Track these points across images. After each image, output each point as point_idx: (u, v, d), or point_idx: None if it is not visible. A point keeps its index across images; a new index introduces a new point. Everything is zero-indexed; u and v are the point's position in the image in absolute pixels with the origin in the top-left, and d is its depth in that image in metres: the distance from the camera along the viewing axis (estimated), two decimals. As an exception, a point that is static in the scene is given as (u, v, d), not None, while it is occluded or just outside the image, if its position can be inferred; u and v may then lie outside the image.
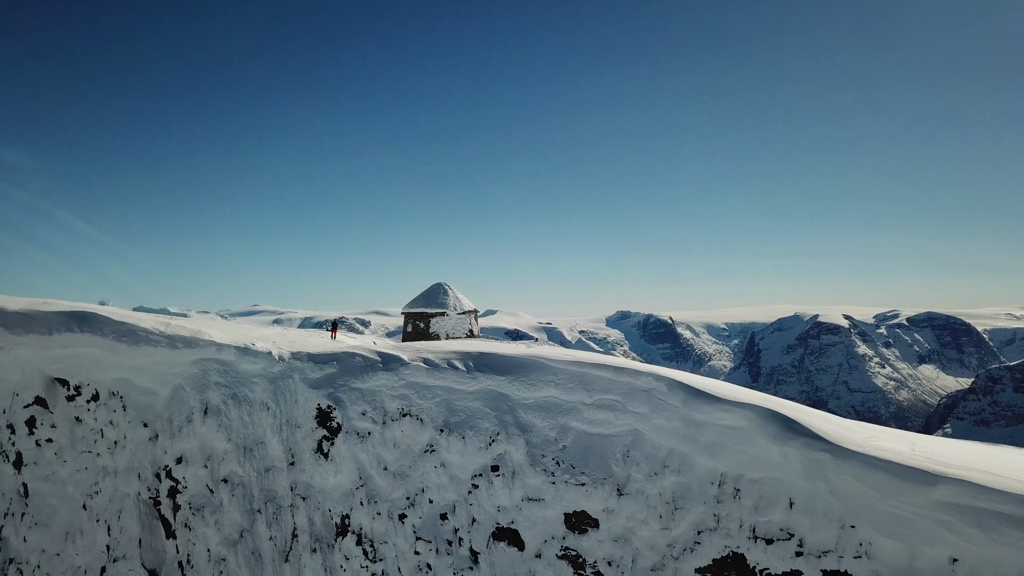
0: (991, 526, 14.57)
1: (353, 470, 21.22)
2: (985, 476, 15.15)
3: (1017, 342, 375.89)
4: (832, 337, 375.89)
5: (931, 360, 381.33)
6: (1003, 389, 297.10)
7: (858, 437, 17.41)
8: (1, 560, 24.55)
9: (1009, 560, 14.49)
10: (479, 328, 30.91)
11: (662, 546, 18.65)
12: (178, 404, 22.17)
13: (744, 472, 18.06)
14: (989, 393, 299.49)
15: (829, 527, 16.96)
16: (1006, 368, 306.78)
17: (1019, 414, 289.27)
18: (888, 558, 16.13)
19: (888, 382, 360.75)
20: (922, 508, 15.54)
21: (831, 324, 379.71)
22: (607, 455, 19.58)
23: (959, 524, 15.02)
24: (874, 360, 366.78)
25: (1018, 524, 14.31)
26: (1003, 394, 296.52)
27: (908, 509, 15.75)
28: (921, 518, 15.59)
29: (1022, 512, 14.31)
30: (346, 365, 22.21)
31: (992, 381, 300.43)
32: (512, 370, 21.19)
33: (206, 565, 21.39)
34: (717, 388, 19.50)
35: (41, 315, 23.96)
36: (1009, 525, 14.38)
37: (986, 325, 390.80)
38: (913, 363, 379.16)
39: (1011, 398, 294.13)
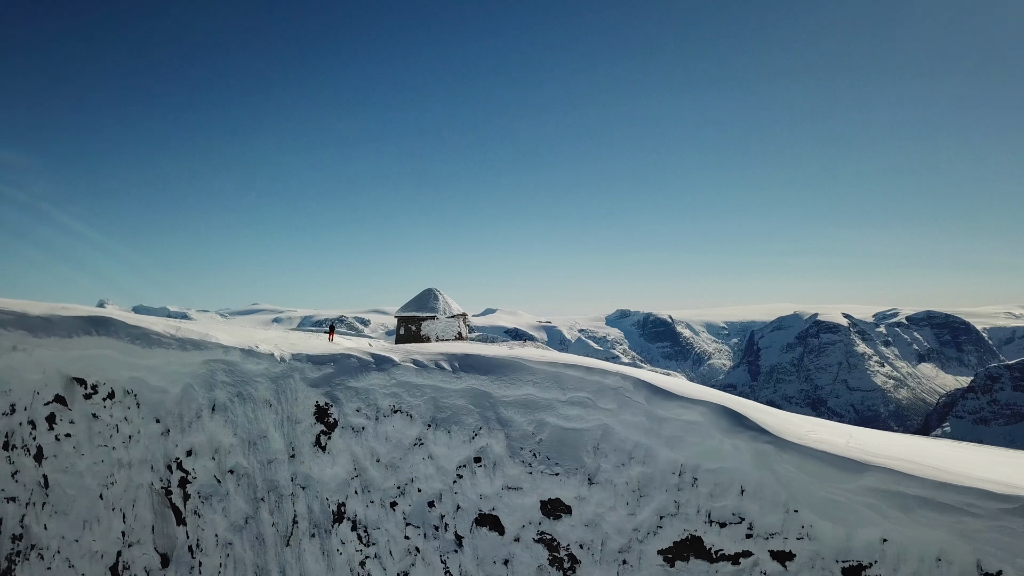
0: (911, 508, 16.58)
1: (348, 462, 23.29)
2: (906, 464, 17.15)
3: (1016, 340, 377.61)
4: (831, 336, 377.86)
5: (930, 359, 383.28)
6: (1002, 388, 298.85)
7: (800, 430, 19.42)
8: (23, 546, 26.63)
9: (928, 538, 16.51)
10: (468, 330, 32.95)
11: (628, 530, 20.64)
12: (188, 401, 24.23)
13: (701, 462, 20.08)
14: (988, 392, 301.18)
15: (775, 511, 18.95)
16: (1005, 367, 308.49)
17: (1018, 412, 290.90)
18: (827, 539, 18.12)
19: (887, 381, 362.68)
20: (853, 493, 17.55)
21: (830, 323, 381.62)
22: (579, 447, 21.61)
23: (885, 507, 17.03)
24: (873, 359, 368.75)
25: (934, 506, 16.31)
26: (1002, 392, 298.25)
27: (842, 494, 17.75)
28: (853, 502, 17.59)
29: (936, 495, 16.31)
30: (342, 365, 24.28)
31: (991, 380, 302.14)
32: (494, 370, 23.23)
33: (214, 549, 23.46)
34: (677, 386, 21.53)
35: (61, 319, 26.02)
36: (925, 507, 16.38)
37: (985, 324, 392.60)
38: (912, 362, 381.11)
39: (1010, 396, 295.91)
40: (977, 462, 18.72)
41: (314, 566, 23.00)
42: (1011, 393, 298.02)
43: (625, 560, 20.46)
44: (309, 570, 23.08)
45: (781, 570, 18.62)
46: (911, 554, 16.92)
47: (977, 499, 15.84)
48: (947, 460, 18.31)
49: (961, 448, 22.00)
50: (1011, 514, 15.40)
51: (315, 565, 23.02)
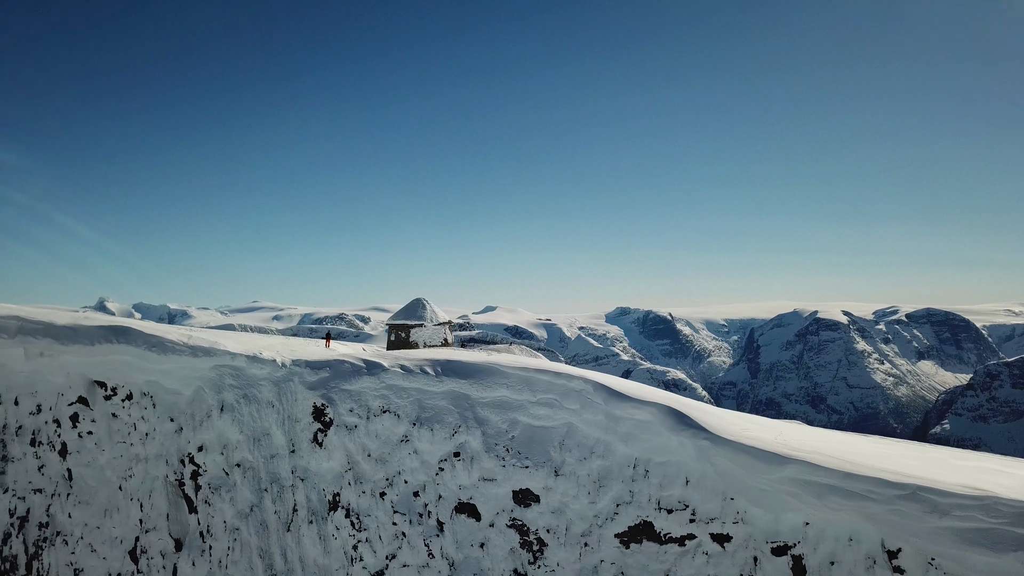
0: (824, 495, 19.49)
1: (342, 456, 26.22)
2: (820, 457, 20.03)
3: (1016, 338, 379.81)
4: (831, 333, 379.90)
5: (930, 356, 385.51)
6: (1001, 385, 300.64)
7: (735, 428, 22.28)
8: (49, 533, 29.62)
9: (840, 521, 19.41)
10: (451, 337, 35.88)
11: (589, 516, 23.55)
12: (199, 402, 27.17)
13: (652, 456, 22.99)
14: (987, 389, 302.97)
15: (715, 499, 21.87)
16: (1004, 364, 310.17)
17: (1017, 410, 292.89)
18: (759, 522, 21.01)
19: (887, 378, 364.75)
20: (777, 483, 20.45)
21: (830, 320, 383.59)
22: (547, 443, 24.51)
23: (803, 494, 19.94)
24: (873, 356, 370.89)
25: (842, 493, 19.20)
26: (1001, 390, 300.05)
27: (768, 484, 20.65)
28: (778, 491, 20.49)
29: (843, 484, 19.20)
30: (337, 370, 27.19)
31: (990, 377, 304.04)
32: (472, 374, 26.13)
33: (223, 534, 26.42)
34: (631, 389, 24.41)
35: (84, 328, 28.94)
36: (835, 494, 19.27)
37: (985, 321, 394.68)
38: (912, 359, 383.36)
39: (1009, 394, 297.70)
40: (888, 456, 21.57)
41: (312, 549, 25.96)
42: (1010, 390, 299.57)
43: (586, 543, 23.38)
44: (307, 553, 26.04)
45: (720, 550, 21.53)
46: (828, 535, 19.83)
47: (877, 487, 18.74)
48: (860, 454, 21.20)
49: (883, 444, 24.88)
50: (904, 499, 18.29)
51: (313, 548, 25.98)
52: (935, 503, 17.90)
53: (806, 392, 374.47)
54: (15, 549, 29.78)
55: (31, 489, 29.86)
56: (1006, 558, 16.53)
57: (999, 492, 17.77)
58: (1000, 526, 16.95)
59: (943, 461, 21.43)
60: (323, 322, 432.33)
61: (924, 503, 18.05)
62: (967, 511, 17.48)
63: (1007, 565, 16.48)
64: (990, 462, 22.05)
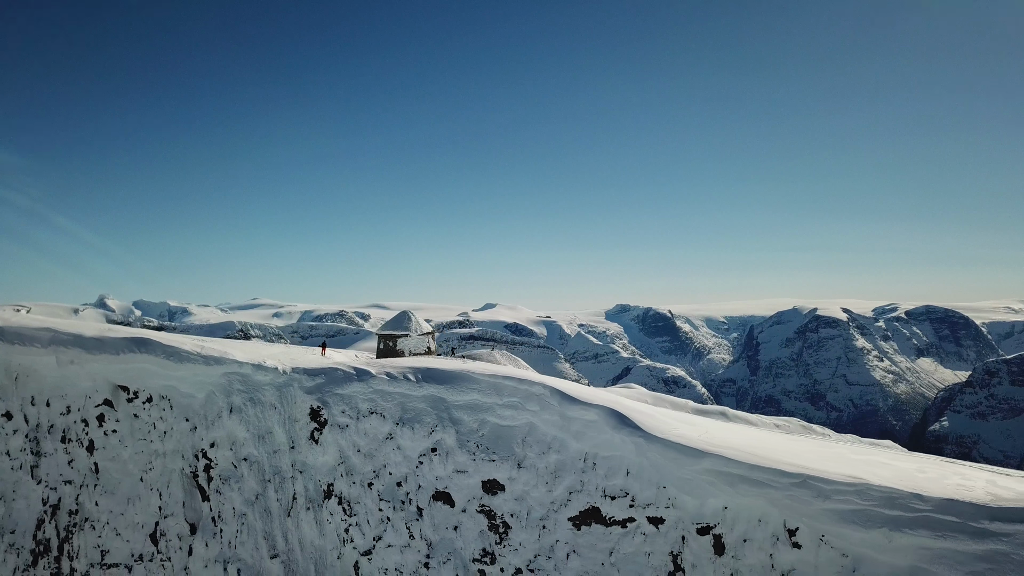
0: (735, 483, 23.66)
1: (335, 452, 30.46)
2: (731, 451, 24.18)
3: (1015, 335, 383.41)
4: (830, 330, 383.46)
5: (929, 353, 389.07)
6: (1000, 382, 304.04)
7: (666, 427, 26.43)
8: (78, 519, 33.93)
9: (751, 505, 23.54)
10: (435, 345, 40.09)
11: (547, 503, 27.73)
12: (211, 405, 31.40)
13: (599, 451, 27.16)
14: (986, 386, 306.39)
15: (651, 487, 26.02)
16: (1003, 361, 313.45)
17: (1016, 407, 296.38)
18: (687, 507, 25.16)
19: (886, 375, 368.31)
20: (698, 473, 24.61)
21: (829, 318, 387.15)
22: (511, 440, 28.70)
23: (719, 483, 24.10)
24: (872, 353, 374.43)
25: (749, 482, 23.35)
26: (1000, 387, 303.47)
27: (692, 474, 24.81)
28: (699, 480, 24.65)
29: (749, 474, 23.35)
30: (331, 377, 31.41)
31: (989, 374, 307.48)
32: (448, 380, 30.34)
33: (232, 519, 30.71)
34: (581, 392, 28.58)
35: (110, 340, 33.17)
36: (743, 483, 23.43)
37: (984, 318, 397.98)
38: (911, 356, 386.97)
39: (1008, 391, 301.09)
40: (792, 451, 25.72)
41: (309, 532, 30.23)
42: (1009, 388, 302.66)
43: (544, 526, 27.59)
44: (305, 535, 30.32)
45: (655, 531, 25.72)
46: (742, 517, 24.00)
47: (776, 476, 22.90)
48: (767, 449, 25.37)
49: (789, 440, 29.05)
50: (797, 486, 22.44)
51: (310, 531, 30.25)
52: (821, 489, 22.07)
53: (805, 389, 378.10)
54: (48, 533, 34.10)
55: (62, 480, 34.15)
56: (874, 533, 20.73)
57: (872, 480, 21.94)
58: (870, 507, 21.14)
59: (840, 455, 25.58)
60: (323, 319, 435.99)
61: (812, 489, 22.22)
62: (845, 495, 21.67)
63: (875, 539, 20.68)
64: (881, 456, 26.22)
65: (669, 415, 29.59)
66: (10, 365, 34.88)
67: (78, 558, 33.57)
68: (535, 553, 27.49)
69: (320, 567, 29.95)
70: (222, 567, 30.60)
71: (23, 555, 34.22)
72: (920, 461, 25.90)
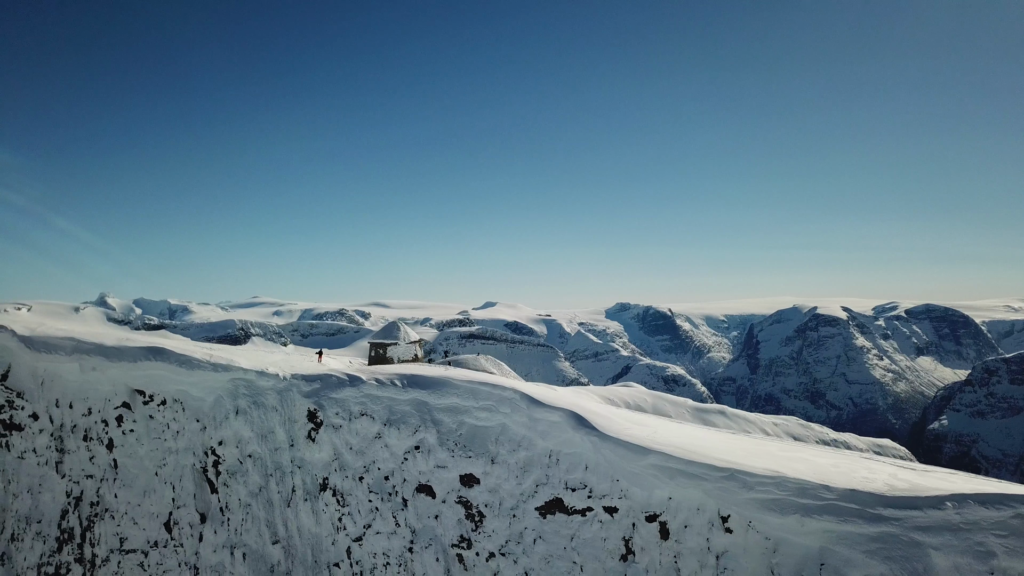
0: (675, 477, 27.55)
1: (330, 450, 34.42)
2: (673, 448, 28.06)
3: (1015, 334, 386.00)
4: (830, 329, 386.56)
5: (929, 352, 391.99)
6: (999, 381, 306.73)
7: (618, 427, 30.32)
8: (99, 510, 37.95)
9: (691, 496, 27.37)
10: (422, 353, 44.05)
11: (516, 494, 31.63)
12: (219, 407, 35.39)
13: (562, 448, 31.06)
14: (985, 385, 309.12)
15: (606, 480, 29.89)
16: (1003, 360, 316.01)
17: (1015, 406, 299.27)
18: (636, 498, 29.00)
19: (886, 374, 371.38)
20: (645, 468, 28.50)
21: (829, 316, 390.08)
22: (486, 439, 32.62)
23: (662, 476, 27.97)
24: (872, 352, 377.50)
25: (686, 476, 27.24)
26: (999, 386, 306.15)
27: (639, 468, 28.69)
28: (646, 474, 28.52)
29: (686, 468, 27.23)
30: (326, 382, 35.38)
31: (988, 373, 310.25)
32: (430, 386, 34.28)
33: (238, 508, 34.71)
34: (547, 396, 32.50)
35: (128, 349, 37.16)
36: (681, 476, 27.31)
37: (984, 317, 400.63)
38: (911, 355, 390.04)
39: (1007, 390, 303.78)
40: (727, 448, 29.57)
41: (307, 521, 34.23)
42: (1008, 386, 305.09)
43: (514, 514, 31.49)
44: (303, 523, 34.31)
45: (610, 519, 29.58)
46: (683, 506, 27.88)
47: (708, 470, 26.78)
48: (705, 447, 29.24)
49: (728, 439, 32.92)
50: (726, 479, 26.31)
51: (308, 520, 34.24)
52: (746, 481, 25.96)
53: (805, 388, 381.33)
54: (71, 523, 38.16)
55: (84, 475, 38.19)
56: (789, 519, 24.61)
57: (788, 473, 25.84)
58: (786, 497, 25.02)
59: (768, 452, 29.46)
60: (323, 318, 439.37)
61: (739, 481, 26.12)
62: (766, 487, 25.55)
63: (790, 523, 24.56)
64: (804, 453, 30.10)
65: (623, 416, 33.48)
66: (36, 371, 38.95)
67: (99, 545, 37.62)
68: (506, 539, 31.43)
69: (316, 552, 33.97)
70: (229, 552, 34.64)
71: (49, 542, 38.31)
72: (837, 457, 29.78)
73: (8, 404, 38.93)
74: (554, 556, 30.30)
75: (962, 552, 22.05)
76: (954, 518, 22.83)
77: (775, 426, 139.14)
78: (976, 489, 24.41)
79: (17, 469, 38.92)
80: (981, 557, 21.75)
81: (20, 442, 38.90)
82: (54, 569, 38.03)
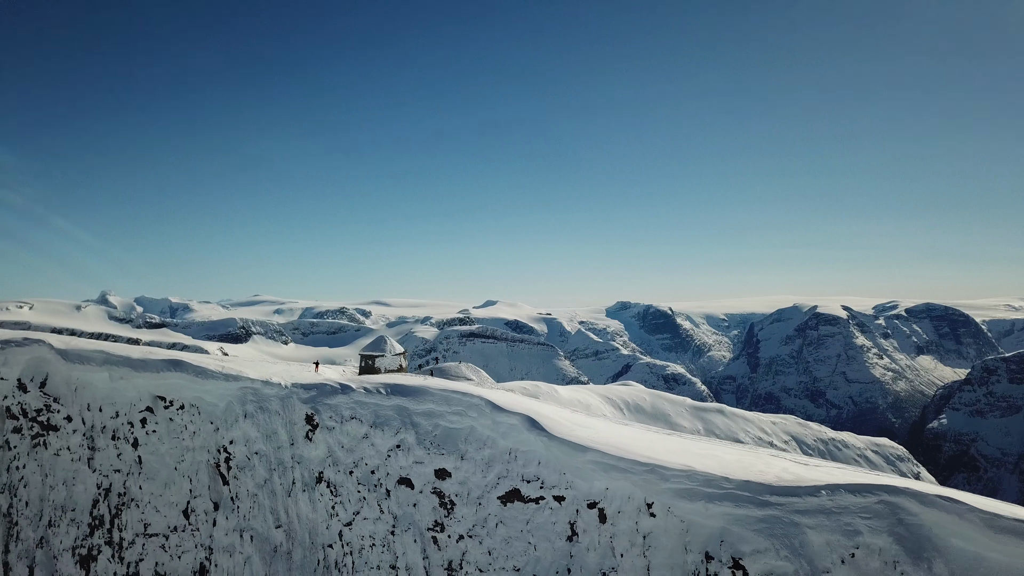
0: (608, 470, 33.82)
1: (325, 448, 40.85)
2: (607, 447, 34.32)
3: (1015, 333, 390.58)
4: (830, 328, 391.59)
5: (929, 351, 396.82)
6: (998, 380, 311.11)
7: (565, 429, 36.57)
8: (125, 500, 44.49)
9: (622, 486, 33.54)
10: (406, 363, 50.55)
11: (482, 485, 37.95)
12: (230, 411, 41.86)
13: (519, 447, 37.36)
14: (984, 384, 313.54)
15: (556, 474, 36.16)
16: (1002, 359, 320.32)
17: (1014, 405, 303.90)
18: (580, 488, 35.21)
19: (886, 373, 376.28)
20: (585, 464, 34.74)
21: (829, 315, 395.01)
22: (456, 439, 38.96)
23: (598, 471, 34.24)
24: (872, 351, 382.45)
25: (617, 470, 33.50)
26: (998, 385, 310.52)
27: (581, 463, 34.93)
28: (587, 468, 34.75)
29: (617, 464, 33.49)
30: (321, 390, 41.81)
31: (988, 372, 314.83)
32: (411, 393, 40.65)
33: (246, 498, 41.22)
34: (508, 402, 38.82)
35: (151, 361, 43.68)
36: (613, 470, 33.57)
37: (985, 316, 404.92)
38: (911, 354, 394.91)
39: (1006, 389, 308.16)
40: (650, 446, 35.79)
41: (305, 508, 40.67)
42: (1007, 385, 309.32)
43: (480, 503, 37.78)
44: (302, 511, 40.77)
45: (559, 506, 35.84)
46: (617, 495, 34.09)
47: (634, 465, 33.06)
48: (634, 444, 35.48)
49: (658, 438, 39.18)
50: (647, 472, 32.59)
51: (306, 508, 40.68)
52: (663, 473, 32.21)
53: (805, 387, 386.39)
54: (102, 511, 44.73)
55: (112, 469, 44.74)
56: (697, 504, 30.77)
57: (697, 467, 32.08)
58: (695, 486, 31.21)
59: (686, 450, 35.70)
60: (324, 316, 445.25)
61: (658, 474, 32.36)
62: (679, 478, 31.77)
63: (698, 508, 30.73)
64: (717, 450, 36.33)
65: (570, 419, 39.80)
66: (70, 379, 45.52)
67: (126, 530, 44.18)
68: (473, 523, 37.76)
69: (313, 535, 40.45)
70: (239, 535, 41.17)
71: (82, 528, 44.91)
72: (744, 453, 35.98)
73: (46, 408, 45.55)
74: (513, 537, 36.59)
75: (833, 531, 28.16)
76: (827, 504, 28.97)
77: (773, 425, 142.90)
78: (848, 480, 30.61)
79: (54, 464, 45.53)
80: (849, 535, 27.87)
81: (56, 441, 45.51)
82: (87, 551, 44.64)
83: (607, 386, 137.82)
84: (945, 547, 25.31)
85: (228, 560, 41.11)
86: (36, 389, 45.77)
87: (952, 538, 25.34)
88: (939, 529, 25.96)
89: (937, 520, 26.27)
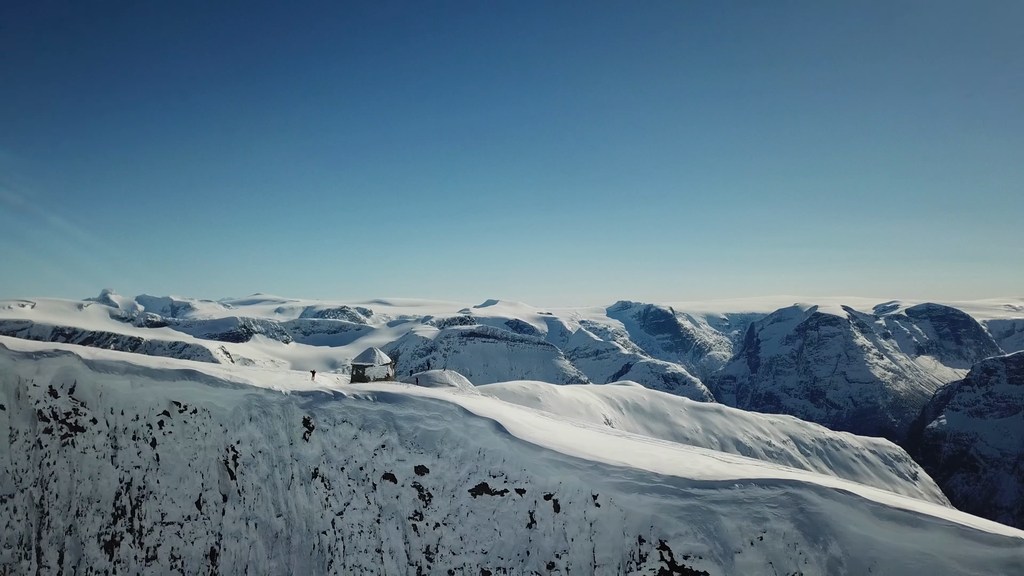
0: (559, 467, 40.34)
1: (319, 447, 47.48)
2: (559, 446, 40.77)
3: (1016, 333, 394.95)
4: (831, 328, 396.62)
5: (929, 351, 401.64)
6: (998, 380, 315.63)
7: (524, 431, 42.99)
8: (144, 492, 51.21)
9: (571, 480, 39.99)
10: (393, 372, 57.12)
11: (455, 480, 44.49)
12: (237, 415, 48.53)
13: (487, 447, 43.84)
14: (984, 384, 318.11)
15: (518, 470, 42.66)
16: (1001, 359, 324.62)
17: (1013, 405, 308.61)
18: (539, 482, 41.68)
19: (886, 373, 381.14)
20: (541, 461, 41.24)
21: (830, 315, 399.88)
22: (434, 440, 45.49)
23: (552, 467, 40.74)
24: (872, 351, 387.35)
25: (567, 467, 39.99)
26: (998, 385, 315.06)
27: (539, 462, 41.42)
28: (543, 465, 41.26)
29: (567, 461, 39.96)
30: (317, 397, 48.43)
31: (987, 372, 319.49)
32: (394, 400, 47.21)
33: (251, 491, 47.90)
34: (478, 407, 45.32)
35: (168, 371, 50.36)
36: (563, 467, 40.08)
37: (985, 316, 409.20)
38: (911, 354, 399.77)
39: (1006, 389, 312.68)
40: (596, 446, 42.19)
41: (303, 500, 47.30)
42: (1007, 386, 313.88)
43: (453, 495, 44.31)
44: (300, 502, 47.40)
45: (520, 498, 42.34)
46: (568, 488, 40.56)
47: (580, 462, 39.55)
48: (583, 444, 41.92)
49: (605, 439, 45.61)
50: (592, 468, 39.02)
51: (303, 499, 47.31)
52: (605, 469, 38.64)
53: (805, 387, 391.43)
54: (124, 502, 51.47)
55: (133, 466, 51.46)
56: (632, 495, 37.20)
57: (633, 464, 38.52)
58: (631, 480, 37.61)
59: (628, 449, 42.11)
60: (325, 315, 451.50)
61: (601, 470, 38.80)
62: (618, 473, 38.18)
63: (633, 499, 37.15)
64: (654, 449, 42.73)
65: (530, 422, 46.32)
66: (96, 386, 52.25)
67: (145, 518, 50.93)
68: (448, 513, 44.28)
69: (309, 523, 47.10)
70: (245, 523, 47.87)
71: (106, 517, 51.66)
72: (676, 452, 42.37)
73: (74, 411, 52.33)
74: (481, 525, 43.08)
75: (743, 518, 34.38)
76: (740, 495, 35.21)
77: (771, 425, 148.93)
78: (759, 475, 36.91)
79: (81, 461, 52.29)
80: (757, 521, 34.04)
81: (83, 440, 52.26)
82: (110, 537, 51.41)
83: (606, 386, 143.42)
84: (842, 532, 31.19)
85: (236, 545, 47.82)
86: (65, 395, 52.58)
87: (848, 524, 31.26)
88: (836, 516, 31.76)
89: (834, 509, 32.13)
